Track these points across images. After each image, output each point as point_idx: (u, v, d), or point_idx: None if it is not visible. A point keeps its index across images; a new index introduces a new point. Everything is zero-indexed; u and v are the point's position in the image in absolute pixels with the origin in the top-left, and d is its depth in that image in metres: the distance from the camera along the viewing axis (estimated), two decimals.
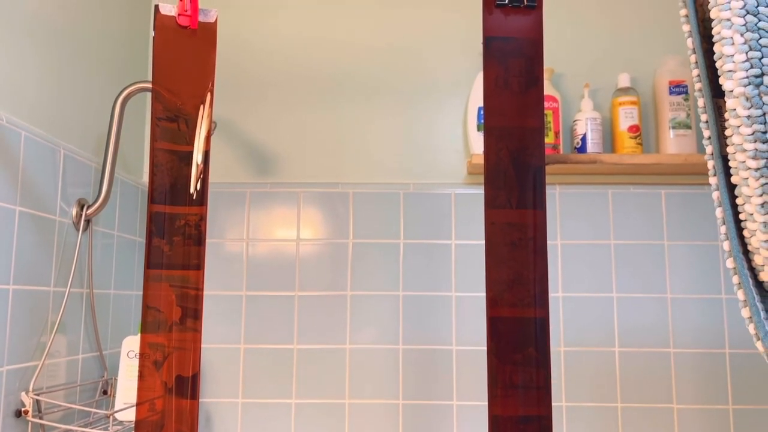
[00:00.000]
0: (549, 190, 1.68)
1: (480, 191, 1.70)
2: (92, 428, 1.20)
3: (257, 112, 1.75)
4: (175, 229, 0.76)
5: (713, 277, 1.63)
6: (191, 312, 0.76)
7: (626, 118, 1.63)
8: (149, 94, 1.65)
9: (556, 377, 1.61)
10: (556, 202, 1.68)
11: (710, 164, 0.78)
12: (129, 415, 1.28)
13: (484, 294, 1.66)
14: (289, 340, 1.64)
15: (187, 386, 0.75)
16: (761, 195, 0.71)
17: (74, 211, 1.29)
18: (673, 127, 1.62)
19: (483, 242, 1.67)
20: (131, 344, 1.37)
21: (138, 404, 0.74)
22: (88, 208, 1.31)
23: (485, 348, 1.63)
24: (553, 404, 1.57)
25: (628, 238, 1.65)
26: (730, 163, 0.74)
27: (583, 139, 1.63)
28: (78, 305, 1.32)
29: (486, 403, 1.60)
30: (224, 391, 1.63)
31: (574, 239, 1.65)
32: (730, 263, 0.75)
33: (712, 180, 0.78)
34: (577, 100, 1.72)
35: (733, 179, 0.74)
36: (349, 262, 1.67)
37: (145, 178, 1.71)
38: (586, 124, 1.64)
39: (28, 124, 1.16)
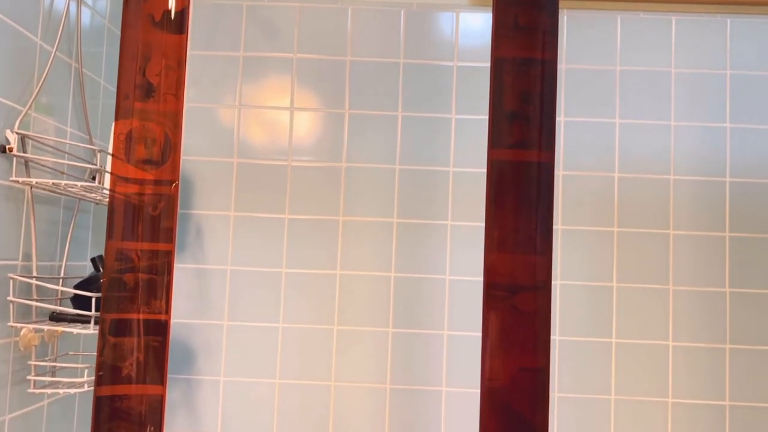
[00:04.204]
0: None
1: (484, 13, 1.64)
2: (80, 198, 1.17)
3: None
4: None
5: (718, 105, 1.59)
6: None
7: None
8: None
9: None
10: (563, 28, 1.63)
11: None
12: None
13: (483, 116, 1.63)
14: (283, 156, 1.61)
15: (176, 21, 0.71)
16: None
17: None
18: None
19: (486, 64, 1.63)
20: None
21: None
22: None
23: (482, 166, 1.60)
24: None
25: (634, 65, 1.60)
26: None
27: None
28: (65, 77, 1.28)
29: (481, 223, 1.58)
30: (216, 203, 1.60)
31: (580, 64, 1.61)
32: None
33: None
34: None
35: None
36: (347, 80, 1.62)
37: None
38: None
39: None
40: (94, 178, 1.37)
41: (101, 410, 0.65)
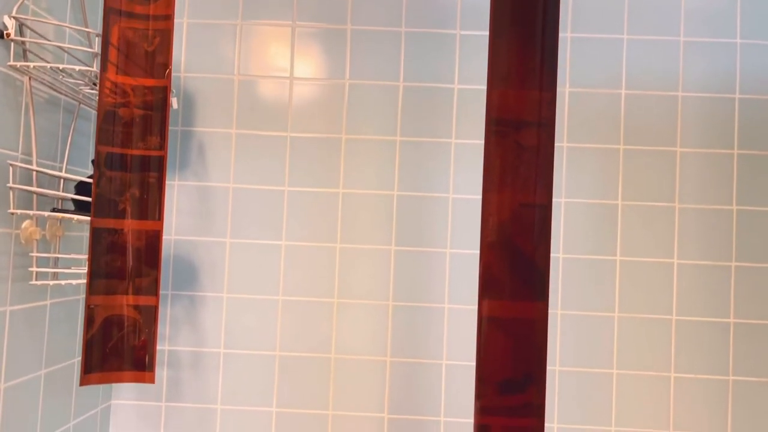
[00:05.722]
0: None
1: None
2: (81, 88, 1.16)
3: None
4: None
5: (729, 20, 1.55)
6: None
7: None
8: None
9: (559, 118, 1.57)
10: None
11: None
12: None
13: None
14: (284, 73, 1.59)
15: None
16: None
17: None
18: None
19: None
20: None
21: None
22: None
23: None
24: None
25: None
26: None
27: None
28: None
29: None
30: (217, 121, 1.59)
31: None
32: None
33: None
34: None
35: None
36: None
37: None
38: None
39: None
40: (94, 84, 1.36)
41: (98, 243, 0.65)
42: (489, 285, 0.64)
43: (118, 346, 0.63)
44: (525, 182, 0.64)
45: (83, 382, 0.65)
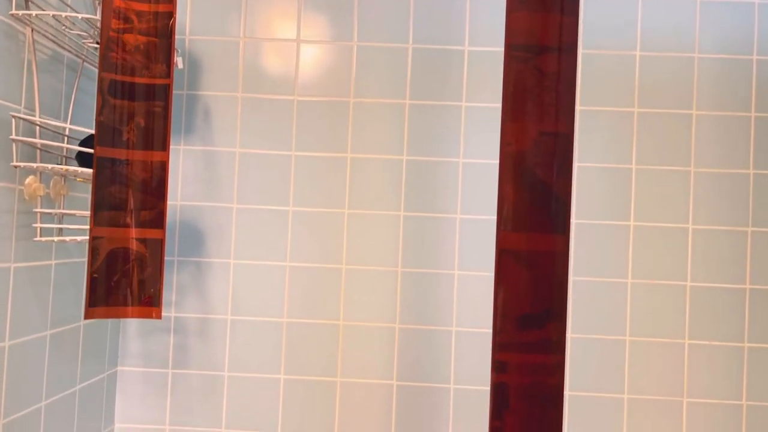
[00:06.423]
0: None
1: None
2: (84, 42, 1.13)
3: None
4: None
5: None
6: None
7: None
8: None
9: None
10: None
11: None
12: None
13: None
14: (291, 35, 1.56)
15: None
16: None
17: None
18: None
19: None
20: None
21: None
22: None
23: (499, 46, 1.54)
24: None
25: None
26: None
27: None
28: None
29: (496, 104, 1.53)
30: (223, 84, 1.56)
31: None
32: None
33: None
34: None
35: None
36: None
37: None
38: None
39: None
40: (98, 43, 1.33)
41: (101, 173, 0.62)
42: (507, 216, 0.61)
43: (123, 280, 0.61)
44: (545, 110, 0.61)
45: (87, 315, 0.63)
